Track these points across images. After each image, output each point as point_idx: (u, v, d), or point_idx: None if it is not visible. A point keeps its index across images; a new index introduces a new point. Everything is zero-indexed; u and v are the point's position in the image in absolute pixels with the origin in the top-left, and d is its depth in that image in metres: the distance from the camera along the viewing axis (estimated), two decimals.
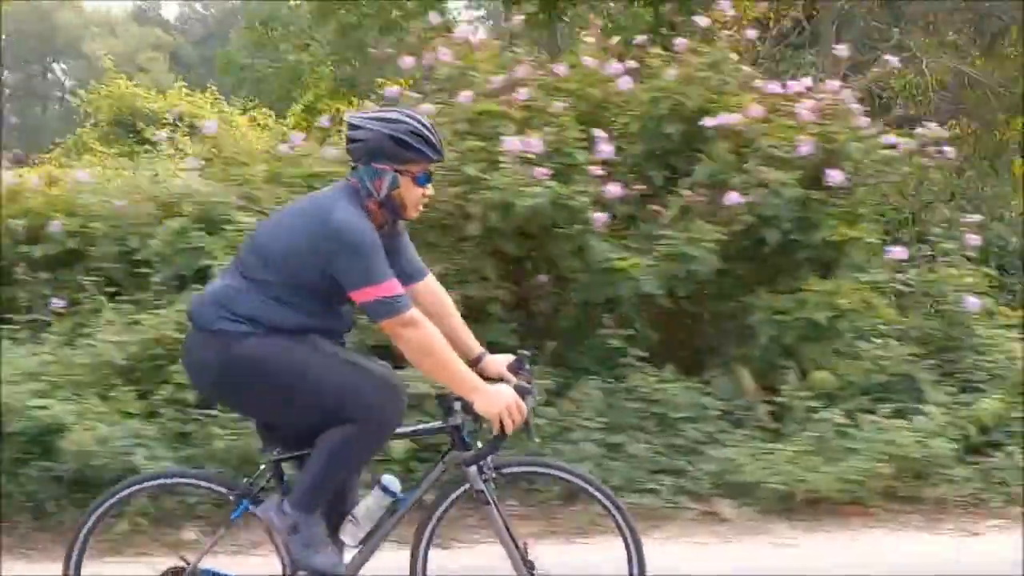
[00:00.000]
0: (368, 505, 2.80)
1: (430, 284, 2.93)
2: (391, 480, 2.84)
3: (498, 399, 2.60)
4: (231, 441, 4.23)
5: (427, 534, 2.86)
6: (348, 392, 2.63)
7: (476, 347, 2.91)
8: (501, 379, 2.80)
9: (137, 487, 3.02)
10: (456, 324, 2.89)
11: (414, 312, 2.57)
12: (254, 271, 2.64)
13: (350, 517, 2.79)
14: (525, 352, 2.98)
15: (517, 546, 2.81)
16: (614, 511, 2.83)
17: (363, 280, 2.53)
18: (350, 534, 2.78)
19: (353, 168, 2.71)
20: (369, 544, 2.80)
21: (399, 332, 2.56)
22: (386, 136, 2.62)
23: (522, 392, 2.66)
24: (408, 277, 2.76)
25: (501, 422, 2.59)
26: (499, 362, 2.90)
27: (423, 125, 2.67)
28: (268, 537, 2.92)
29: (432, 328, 2.60)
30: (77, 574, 2.90)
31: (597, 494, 2.86)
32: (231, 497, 2.88)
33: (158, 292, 4.99)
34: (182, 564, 2.91)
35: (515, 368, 2.89)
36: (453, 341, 2.70)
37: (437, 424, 2.86)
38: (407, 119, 2.66)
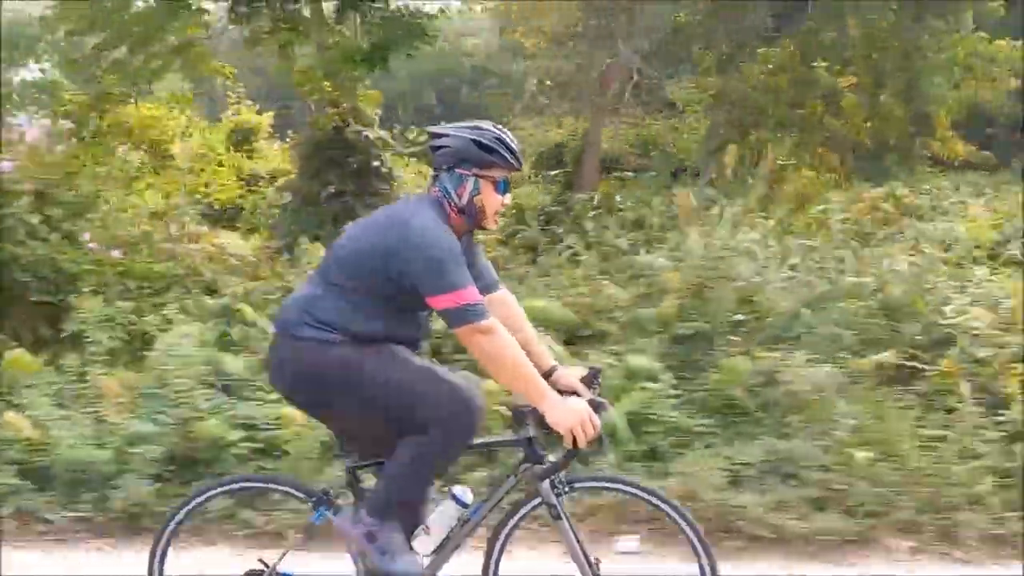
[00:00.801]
0: (440, 515, 2.82)
1: (503, 296, 2.94)
2: (463, 491, 2.85)
3: (572, 412, 2.58)
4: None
5: (498, 547, 2.86)
6: (422, 402, 2.65)
7: (549, 360, 2.90)
8: (574, 392, 2.79)
9: (219, 490, 3.11)
10: (529, 336, 2.89)
11: (491, 320, 2.59)
12: (336, 278, 2.71)
13: (422, 526, 2.81)
14: (598, 366, 2.96)
15: (589, 563, 2.78)
16: (689, 531, 2.78)
17: (442, 286, 2.56)
18: (422, 543, 2.80)
19: (435, 177, 2.75)
20: (441, 554, 2.81)
21: (475, 339, 2.57)
22: (471, 141, 2.68)
23: (596, 406, 2.64)
24: (482, 288, 2.77)
25: (574, 436, 2.58)
26: (572, 375, 2.89)
27: (506, 134, 2.74)
28: (345, 544, 2.96)
29: (508, 337, 2.60)
30: (161, 571, 2.99)
31: (673, 513, 2.80)
32: (309, 502, 2.93)
33: None
34: (261, 567, 2.98)
35: (588, 381, 2.87)
36: (526, 353, 2.69)
37: (510, 436, 2.87)
38: (491, 127, 2.74)
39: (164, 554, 2.99)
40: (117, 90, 12.88)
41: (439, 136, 2.75)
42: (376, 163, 13.77)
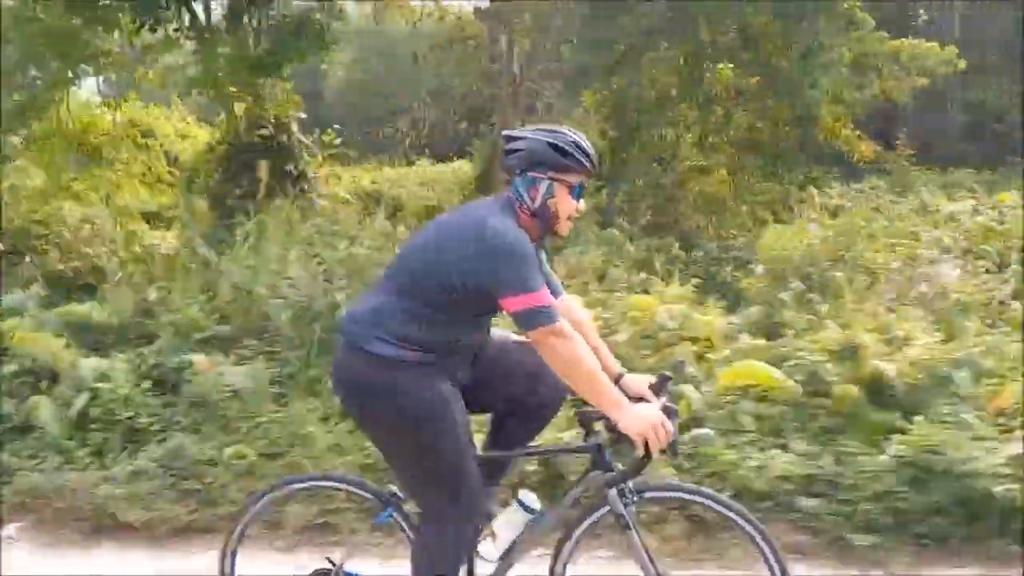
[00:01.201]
0: (506, 521, 2.80)
1: (568, 302, 2.91)
2: (530, 497, 2.83)
3: (645, 418, 2.53)
4: None
5: (565, 556, 2.82)
6: (436, 491, 2.70)
7: (616, 366, 2.86)
8: (642, 399, 2.74)
9: (288, 488, 3.13)
10: (595, 343, 2.84)
11: (564, 323, 2.56)
12: (406, 283, 2.68)
13: (489, 532, 2.79)
14: (667, 373, 2.91)
15: (658, 574, 2.73)
16: (762, 542, 2.70)
17: (516, 287, 2.53)
18: (488, 549, 2.78)
19: (508, 181, 2.74)
20: (507, 560, 2.79)
21: (548, 342, 2.54)
22: (547, 144, 2.66)
23: (668, 413, 2.59)
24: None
25: (646, 443, 2.54)
26: (640, 382, 2.84)
27: (582, 138, 2.71)
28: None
29: (580, 341, 2.57)
30: (232, 570, 3.03)
31: (745, 524, 2.72)
32: (376, 503, 2.94)
33: None
34: (328, 566, 2.99)
35: (657, 388, 2.82)
36: None
37: (578, 443, 2.83)
38: (567, 131, 2.71)
39: (235, 552, 3.04)
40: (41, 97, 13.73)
41: (514, 139, 2.72)
42: (289, 166, 14.35)
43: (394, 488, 2.92)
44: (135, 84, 16.48)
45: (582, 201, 2.72)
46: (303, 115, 14.88)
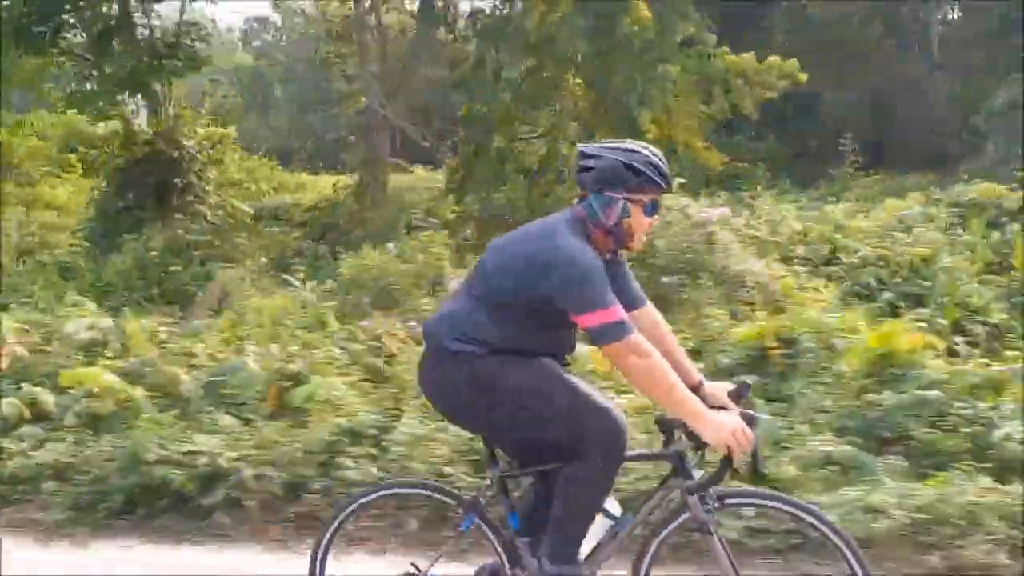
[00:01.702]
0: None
1: (649, 312, 2.94)
2: (612, 502, 2.86)
3: (725, 427, 2.55)
4: None
5: (646, 562, 2.84)
6: (573, 418, 2.69)
7: (695, 374, 2.88)
8: (721, 407, 2.75)
9: (375, 495, 3.23)
10: (675, 351, 2.87)
11: (638, 337, 2.59)
12: (483, 292, 2.76)
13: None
14: (746, 380, 2.91)
15: None
16: (845, 549, 2.69)
17: (587, 305, 2.58)
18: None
19: (581, 198, 2.77)
20: (589, 564, 2.83)
21: (623, 357, 2.58)
22: (622, 164, 2.68)
23: (749, 420, 2.60)
24: (627, 304, 2.76)
25: (728, 450, 2.55)
26: (719, 389, 2.86)
27: (656, 155, 2.73)
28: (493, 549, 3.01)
29: (656, 353, 2.60)
30: (322, 572, 3.13)
31: (827, 531, 2.72)
32: (460, 509, 3.01)
33: None
34: (413, 571, 3.08)
35: (736, 395, 2.83)
36: (673, 368, 2.68)
37: (657, 450, 2.86)
38: (642, 149, 2.73)
39: (325, 556, 3.14)
40: None
41: (588, 156, 2.75)
42: (177, 179, 15.43)
43: (477, 494, 2.99)
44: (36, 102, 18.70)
45: (656, 216, 2.75)
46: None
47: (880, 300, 6.96)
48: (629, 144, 2.76)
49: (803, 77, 16.02)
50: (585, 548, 2.82)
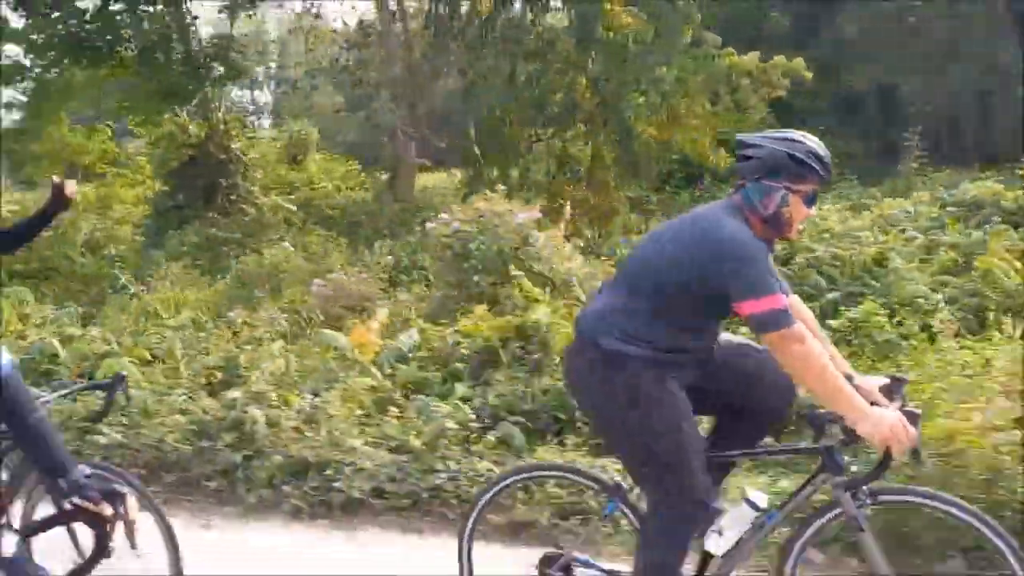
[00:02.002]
0: (733, 518, 2.80)
1: (795, 303, 2.87)
2: (758, 495, 2.83)
3: (886, 423, 2.48)
4: None
5: (792, 557, 2.78)
6: (658, 479, 2.74)
7: (845, 368, 2.79)
8: (873, 403, 2.65)
9: (517, 477, 3.30)
10: (825, 343, 2.80)
11: (801, 326, 2.55)
12: (637, 287, 2.75)
13: (715, 528, 2.81)
14: (904, 376, 2.80)
15: None
16: (1008, 552, 2.56)
17: (753, 291, 2.54)
18: (715, 545, 2.81)
19: (740, 186, 2.75)
20: (733, 557, 2.81)
21: (784, 345, 2.54)
22: (784, 154, 2.65)
23: (911, 416, 2.52)
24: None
25: (888, 447, 2.48)
26: (871, 383, 2.76)
27: (818, 145, 2.68)
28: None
29: (816, 344, 2.56)
30: (468, 555, 3.22)
31: (989, 533, 2.59)
32: (603, 494, 3.04)
33: None
34: (559, 551, 3.12)
35: (888, 391, 2.73)
36: None
37: (807, 444, 2.79)
38: (804, 139, 2.69)
39: (471, 538, 3.20)
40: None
41: (748, 146, 2.72)
42: (223, 180, 16.41)
43: (620, 479, 3.01)
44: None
45: (814, 207, 2.69)
46: None
47: (822, 300, 6.85)
48: (791, 134, 2.71)
49: (809, 75, 15.72)
50: (724, 542, 2.79)
